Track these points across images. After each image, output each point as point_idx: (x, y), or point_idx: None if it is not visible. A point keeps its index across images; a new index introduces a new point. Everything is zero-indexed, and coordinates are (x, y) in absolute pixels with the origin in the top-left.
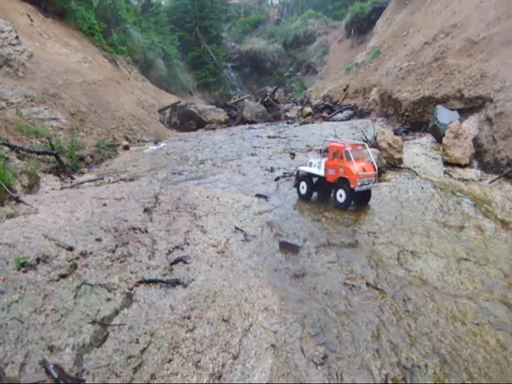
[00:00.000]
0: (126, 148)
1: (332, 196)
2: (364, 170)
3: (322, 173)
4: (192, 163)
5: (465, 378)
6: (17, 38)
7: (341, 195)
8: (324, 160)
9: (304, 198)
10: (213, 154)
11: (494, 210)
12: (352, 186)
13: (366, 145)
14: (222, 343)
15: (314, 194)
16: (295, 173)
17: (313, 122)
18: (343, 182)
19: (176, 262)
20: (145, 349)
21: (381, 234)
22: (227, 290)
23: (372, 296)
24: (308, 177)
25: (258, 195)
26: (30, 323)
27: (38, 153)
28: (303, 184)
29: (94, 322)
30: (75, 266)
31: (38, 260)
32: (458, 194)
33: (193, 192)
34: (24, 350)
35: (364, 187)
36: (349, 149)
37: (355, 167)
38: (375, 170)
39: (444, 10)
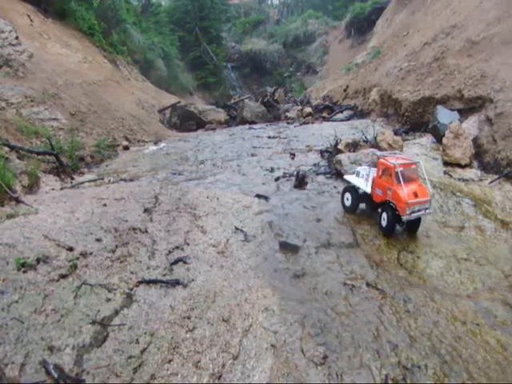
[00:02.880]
0: (126, 148)
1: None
2: (416, 196)
3: (368, 189)
4: (192, 163)
5: (465, 378)
6: (17, 38)
7: (384, 219)
8: (372, 172)
9: (349, 211)
10: (213, 155)
11: (494, 210)
12: (400, 214)
13: (421, 163)
14: (222, 343)
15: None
16: (295, 173)
17: (313, 123)
18: (390, 207)
19: (176, 262)
20: (145, 349)
21: (381, 234)
22: (227, 290)
23: (372, 296)
24: (353, 187)
25: (258, 195)
26: (30, 323)
27: (38, 153)
28: (347, 195)
29: (94, 322)
30: (75, 267)
31: (38, 260)
32: (458, 194)
33: (193, 192)
34: (24, 350)
35: (414, 215)
36: (400, 170)
37: (405, 193)
38: (429, 194)
39: (444, 10)
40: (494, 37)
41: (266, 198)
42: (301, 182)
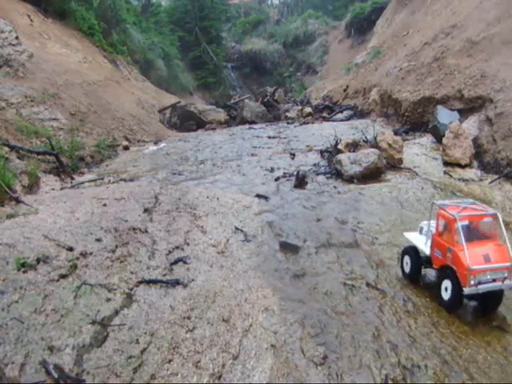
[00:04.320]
0: (126, 148)
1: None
2: (487, 260)
3: (427, 250)
4: (192, 163)
5: (465, 379)
6: (17, 38)
7: (446, 289)
8: (432, 225)
9: (408, 279)
10: (213, 154)
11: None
12: (461, 284)
13: (498, 214)
14: (222, 343)
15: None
16: (295, 173)
17: (313, 123)
18: (452, 273)
19: (176, 262)
20: (145, 349)
21: (381, 234)
22: (227, 290)
23: (372, 296)
24: (413, 247)
25: (258, 195)
26: (30, 323)
27: (38, 153)
28: (407, 259)
29: (94, 322)
30: (75, 267)
31: (38, 260)
32: (458, 194)
33: (193, 192)
34: (24, 350)
35: (483, 287)
36: (462, 224)
37: (467, 255)
38: (510, 258)
39: (444, 10)
40: (494, 37)
41: (266, 198)
42: (301, 181)
